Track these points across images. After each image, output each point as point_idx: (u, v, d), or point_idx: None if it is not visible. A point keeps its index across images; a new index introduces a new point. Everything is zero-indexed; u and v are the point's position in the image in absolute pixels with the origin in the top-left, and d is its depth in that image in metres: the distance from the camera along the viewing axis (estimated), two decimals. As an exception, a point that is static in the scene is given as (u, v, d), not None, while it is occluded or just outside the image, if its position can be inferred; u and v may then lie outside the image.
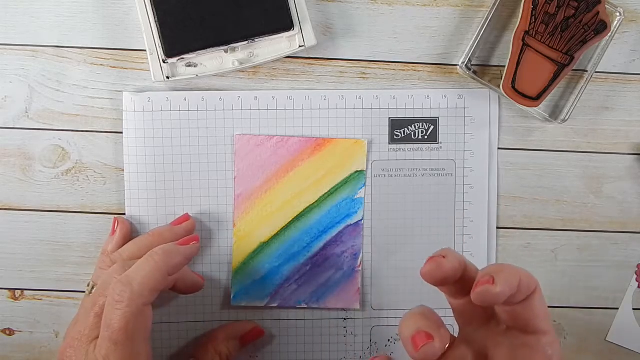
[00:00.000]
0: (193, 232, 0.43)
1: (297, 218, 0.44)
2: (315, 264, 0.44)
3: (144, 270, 0.36)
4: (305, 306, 0.44)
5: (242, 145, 0.43)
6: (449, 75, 0.44)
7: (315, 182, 0.44)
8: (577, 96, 0.43)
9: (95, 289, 0.38)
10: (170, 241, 0.40)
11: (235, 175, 0.44)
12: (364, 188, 0.44)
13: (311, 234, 0.44)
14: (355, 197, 0.44)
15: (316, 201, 0.44)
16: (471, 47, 0.43)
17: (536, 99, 0.42)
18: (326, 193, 0.44)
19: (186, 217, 0.43)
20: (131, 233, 0.44)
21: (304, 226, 0.44)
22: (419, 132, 0.44)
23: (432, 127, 0.44)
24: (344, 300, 0.44)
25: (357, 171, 0.44)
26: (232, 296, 0.44)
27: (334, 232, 0.44)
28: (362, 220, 0.44)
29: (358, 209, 0.44)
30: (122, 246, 0.42)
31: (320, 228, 0.44)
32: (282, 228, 0.44)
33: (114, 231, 0.43)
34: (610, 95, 0.45)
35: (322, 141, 0.43)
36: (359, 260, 0.44)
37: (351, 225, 0.44)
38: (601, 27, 0.41)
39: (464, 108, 0.44)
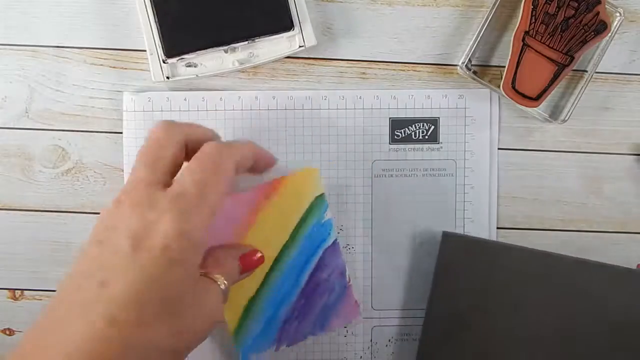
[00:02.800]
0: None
1: (276, 261, 0.43)
2: (308, 295, 0.44)
3: (245, 147, 0.37)
4: (313, 336, 0.44)
5: None
6: (449, 76, 0.44)
7: (281, 222, 0.43)
8: (577, 96, 0.43)
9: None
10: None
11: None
12: (328, 209, 0.44)
13: (295, 270, 0.43)
14: (323, 221, 0.44)
15: (289, 239, 0.43)
16: (471, 47, 0.43)
17: (536, 99, 0.42)
18: (295, 227, 0.43)
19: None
20: None
21: (285, 265, 0.43)
22: (419, 132, 0.44)
23: (432, 127, 0.44)
24: (346, 317, 0.44)
25: (316, 197, 0.43)
26: (240, 356, 0.43)
27: (315, 260, 0.44)
28: (336, 239, 0.44)
29: (330, 230, 0.44)
30: None
31: (301, 261, 0.43)
32: (265, 276, 0.43)
33: None
34: (610, 96, 0.45)
35: (276, 182, 0.43)
36: (347, 276, 0.44)
37: (328, 247, 0.44)
38: (601, 28, 0.41)
39: (465, 108, 0.44)
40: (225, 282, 0.37)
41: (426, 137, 0.44)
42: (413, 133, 0.44)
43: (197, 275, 0.35)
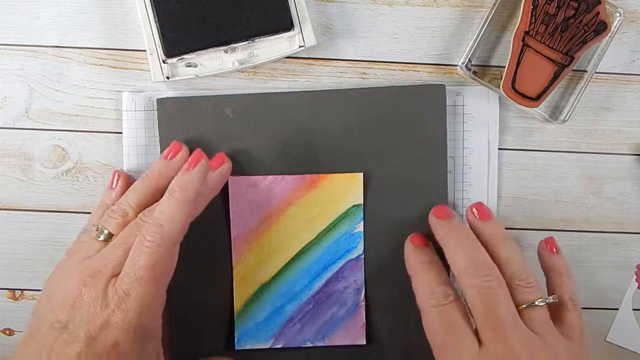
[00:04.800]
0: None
1: (297, 257, 0.43)
2: (318, 301, 0.43)
3: (169, 211, 0.36)
4: (311, 345, 0.44)
5: (236, 187, 0.43)
6: (448, 76, 0.44)
7: (312, 220, 0.43)
8: (577, 96, 0.43)
9: (123, 231, 0.38)
10: (172, 175, 0.39)
11: (231, 218, 0.43)
12: (362, 222, 0.43)
13: (312, 272, 0.43)
14: (354, 232, 0.43)
15: (315, 238, 0.43)
16: (471, 47, 0.43)
17: (536, 99, 0.42)
18: (324, 229, 0.43)
19: (178, 147, 0.41)
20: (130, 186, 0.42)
21: (304, 264, 0.43)
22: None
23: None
24: (350, 336, 0.44)
25: (354, 205, 0.43)
26: (236, 340, 0.43)
27: (334, 269, 0.43)
28: (362, 254, 0.43)
29: (358, 243, 0.43)
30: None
31: (321, 265, 0.43)
32: (282, 268, 0.43)
33: (114, 184, 0.42)
34: (610, 96, 0.45)
35: (317, 177, 0.43)
36: (362, 295, 0.44)
37: (352, 260, 0.43)
38: (601, 28, 0.41)
39: (463, 105, 0.44)
40: None
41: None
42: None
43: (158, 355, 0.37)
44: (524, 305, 0.37)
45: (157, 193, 0.39)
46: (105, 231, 0.38)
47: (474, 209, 0.42)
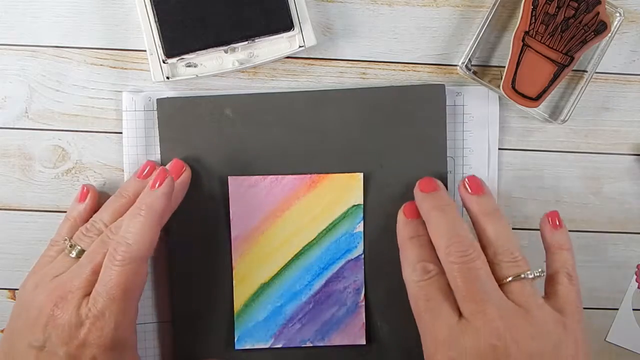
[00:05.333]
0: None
1: (297, 256, 0.43)
2: (318, 301, 0.43)
3: (136, 229, 0.37)
4: (311, 345, 0.44)
5: (236, 187, 0.43)
6: (448, 76, 0.44)
7: (312, 219, 0.43)
8: (577, 96, 0.43)
9: (89, 248, 0.38)
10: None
11: (231, 218, 0.43)
12: (362, 222, 0.43)
13: (312, 272, 0.43)
14: (355, 232, 0.43)
15: (315, 238, 0.43)
16: (471, 47, 0.43)
17: (536, 99, 0.42)
18: (324, 229, 0.43)
19: (152, 166, 0.42)
20: (99, 202, 0.43)
21: (304, 264, 0.43)
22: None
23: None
24: (350, 336, 0.44)
25: (354, 205, 0.43)
26: (235, 340, 0.43)
27: (335, 268, 0.43)
28: (362, 254, 0.44)
29: (358, 243, 0.43)
30: (90, 214, 0.42)
31: (321, 265, 0.43)
32: (282, 267, 0.43)
33: (83, 199, 0.42)
34: (610, 96, 0.45)
35: (317, 177, 0.43)
36: (362, 294, 0.44)
37: (352, 260, 0.43)
38: (601, 28, 0.41)
39: (463, 105, 0.44)
40: None
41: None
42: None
43: None
44: (509, 279, 0.37)
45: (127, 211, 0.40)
46: (78, 248, 0.39)
47: (467, 182, 0.41)
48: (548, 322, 0.36)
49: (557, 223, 0.41)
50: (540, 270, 0.38)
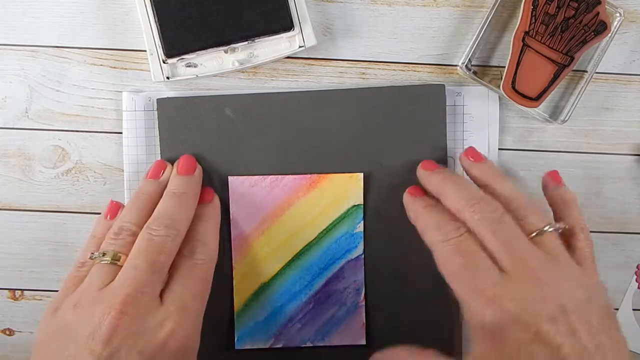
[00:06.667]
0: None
1: (297, 256, 0.43)
2: (318, 301, 0.43)
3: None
4: (311, 345, 0.43)
5: (236, 187, 0.43)
6: (448, 76, 0.44)
7: (312, 220, 0.43)
8: (577, 97, 0.43)
9: (134, 250, 0.36)
10: (161, 192, 0.40)
11: (231, 218, 0.43)
12: (362, 222, 0.43)
13: (312, 272, 0.43)
14: (355, 232, 0.43)
15: (315, 238, 0.43)
16: (471, 47, 0.43)
17: (536, 99, 0.42)
18: (324, 229, 0.43)
19: (163, 165, 0.42)
20: None
21: (304, 264, 0.43)
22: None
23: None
24: (350, 336, 0.44)
25: (354, 205, 0.43)
26: (235, 339, 0.43)
27: (335, 269, 0.43)
28: (362, 254, 0.43)
29: (358, 243, 0.43)
30: None
31: (321, 265, 0.43)
32: (282, 267, 0.43)
33: (113, 215, 0.41)
34: (610, 96, 0.45)
35: (317, 177, 0.43)
36: (362, 294, 0.44)
37: (352, 260, 0.43)
38: (601, 28, 0.41)
39: (463, 105, 0.44)
40: None
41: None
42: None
43: None
44: (534, 234, 0.36)
45: (151, 211, 0.39)
46: (111, 252, 0.36)
47: (468, 153, 0.41)
48: (577, 274, 0.36)
49: (560, 182, 0.41)
50: (562, 223, 0.38)
